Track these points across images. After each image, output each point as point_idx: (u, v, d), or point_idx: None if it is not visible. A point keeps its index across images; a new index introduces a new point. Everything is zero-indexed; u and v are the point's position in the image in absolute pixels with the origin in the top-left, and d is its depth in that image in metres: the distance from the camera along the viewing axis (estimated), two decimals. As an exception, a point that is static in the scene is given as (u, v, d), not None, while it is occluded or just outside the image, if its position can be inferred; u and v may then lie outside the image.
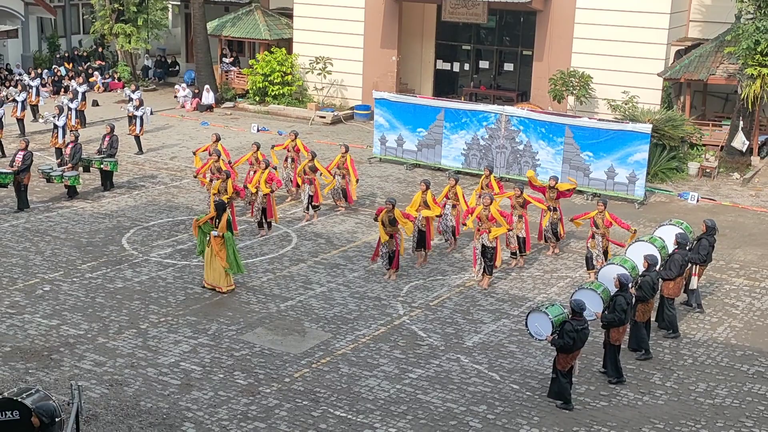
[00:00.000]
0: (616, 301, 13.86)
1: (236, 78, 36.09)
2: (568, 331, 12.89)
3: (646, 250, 15.86)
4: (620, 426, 12.95)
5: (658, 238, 16.63)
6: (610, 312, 13.86)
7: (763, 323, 16.66)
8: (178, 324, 15.81)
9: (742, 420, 13.25)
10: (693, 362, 15.05)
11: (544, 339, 13.53)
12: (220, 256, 16.75)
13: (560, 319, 13.29)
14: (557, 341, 12.98)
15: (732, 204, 24.16)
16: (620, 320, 13.83)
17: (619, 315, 13.78)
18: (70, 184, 22.21)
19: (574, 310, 13.12)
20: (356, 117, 33.14)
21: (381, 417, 12.99)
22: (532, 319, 13.63)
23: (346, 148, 22.29)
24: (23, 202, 21.42)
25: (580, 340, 12.98)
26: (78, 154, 22.81)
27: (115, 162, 23.32)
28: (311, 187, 21.39)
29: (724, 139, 27.45)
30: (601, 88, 29.25)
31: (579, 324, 12.98)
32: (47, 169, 22.49)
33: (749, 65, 25.41)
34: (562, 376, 13.20)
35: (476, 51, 33.88)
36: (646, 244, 16.33)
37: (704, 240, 16.68)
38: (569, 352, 13.04)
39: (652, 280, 14.76)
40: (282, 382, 13.89)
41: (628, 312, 13.98)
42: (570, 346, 12.92)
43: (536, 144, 24.73)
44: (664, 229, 17.13)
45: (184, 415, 12.84)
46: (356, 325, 16.02)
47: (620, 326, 13.92)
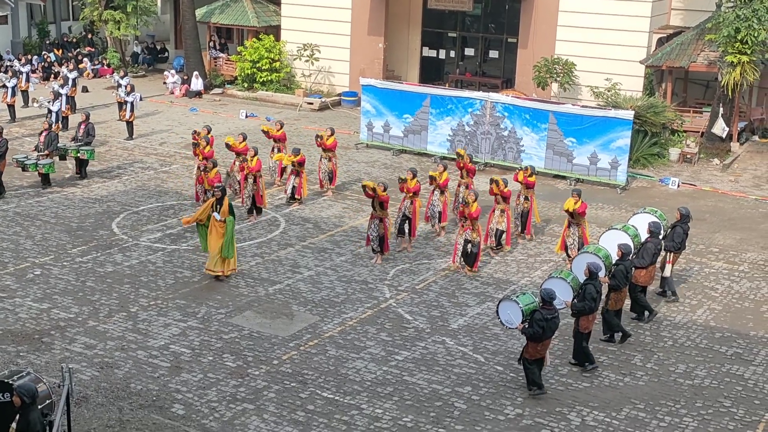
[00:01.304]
0: (585, 289, 13.72)
1: (225, 64, 35.93)
2: (537, 320, 12.78)
3: (620, 238, 15.80)
4: (602, 406, 13.03)
5: (631, 227, 16.51)
6: (579, 300, 13.74)
7: (741, 306, 16.77)
8: (168, 307, 15.77)
9: (720, 400, 13.34)
10: (673, 344, 15.14)
11: (514, 327, 13.37)
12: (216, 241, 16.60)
13: (531, 308, 13.12)
14: (527, 330, 12.87)
15: (712, 189, 24.27)
16: (590, 308, 13.70)
17: (588, 303, 13.66)
18: (44, 172, 21.75)
19: (544, 300, 12.97)
20: (343, 103, 33.06)
21: (368, 398, 13.02)
22: (503, 307, 13.46)
23: (332, 131, 22.27)
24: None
25: (549, 329, 12.87)
26: (54, 142, 22.53)
27: (91, 150, 22.87)
28: (297, 179, 21.34)
29: (705, 126, 27.53)
30: (585, 75, 29.27)
31: (549, 313, 12.85)
32: (22, 157, 22.11)
33: (729, 53, 25.47)
34: (528, 364, 13.08)
35: (462, 38, 33.82)
36: (619, 232, 16.25)
37: (678, 228, 16.58)
38: (539, 341, 12.90)
39: (626, 269, 14.67)
40: (270, 365, 13.89)
41: (597, 300, 13.84)
42: (540, 334, 12.80)
43: (520, 130, 24.73)
44: (639, 217, 17.02)
45: (174, 397, 12.83)
46: (343, 308, 16.03)
47: (590, 314, 13.79)
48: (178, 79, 34.42)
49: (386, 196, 17.93)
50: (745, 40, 25.04)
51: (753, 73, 25.79)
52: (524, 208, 19.48)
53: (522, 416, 12.69)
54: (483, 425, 12.42)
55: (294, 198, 21.44)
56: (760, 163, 26.88)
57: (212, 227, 16.69)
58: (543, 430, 12.37)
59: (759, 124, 29.69)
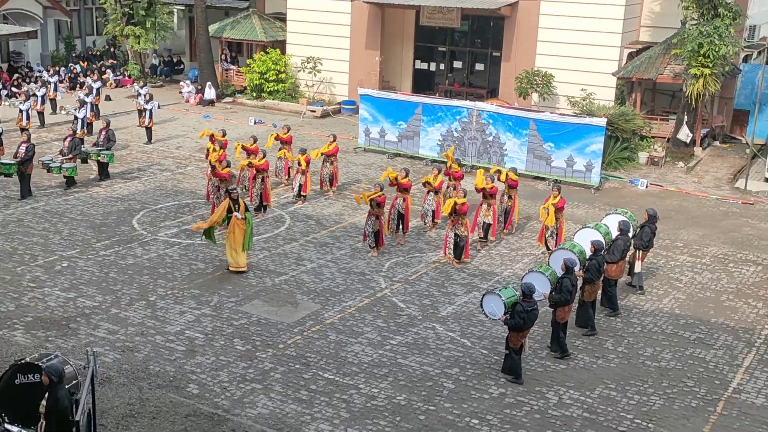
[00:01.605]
0: (562, 283, 13.69)
1: (235, 76, 35.82)
2: (518, 312, 12.73)
3: (593, 236, 15.82)
4: (577, 386, 13.04)
5: (603, 225, 16.49)
6: (557, 293, 13.69)
7: (703, 295, 16.79)
8: (183, 296, 15.74)
9: (684, 380, 13.36)
10: (641, 330, 15.15)
11: (497, 319, 13.29)
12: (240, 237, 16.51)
13: (512, 300, 13.04)
14: (509, 321, 12.81)
15: (677, 189, 24.28)
16: (566, 300, 13.67)
17: (565, 296, 13.63)
18: (68, 174, 21.64)
19: (525, 293, 12.90)
20: (343, 111, 33.00)
21: (365, 379, 13.01)
22: (486, 300, 13.38)
23: (334, 137, 22.28)
24: (26, 190, 20.99)
25: (529, 320, 12.82)
26: (78, 147, 22.42)
27: (111, 154, 22.71)
28: (302, 177, 21.34)
29: (671, 132, 27.56)
30: (562, 85, 29.24)
31: (529, 305, 12.78)
32: (47, 160, 22.02)
33: (693, 66, 25.48)
34: (514, 352, 13.04)
35: (451, 52, 33.76)
36: (592, 230, 16.25)
37: (647, 227, 16.49)
38: (520, 331, 12.86)
39: (599, 264, 14.62)
40: (276, 348, 13.87)
41: (573, 293, 13.79)
42: (521, 325, 12.76)
43: (504, 135, 24.71)
44: (611, 218, 16.98)
45: (189, 378, 12.82)
46: (343, 297, 16.01)
47: (566, 306, 13.77)
48: (193, 89, 34.33)
49: (383, 196, 17.91)
50: (708, 55, 25.06)
51: (714, 84, 25.81)
52: (507, 205, 19.48)
53: (505, 395, 12.70)
54: (469, 403, 12.43)
55: (300, 195, 21.42)
56: (721, 165, 26.90)
57: (233, 226, 16.49)
58: (524, 407, 12.38)
59: (720, 130, 29.73)
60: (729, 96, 29.96)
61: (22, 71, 35.76)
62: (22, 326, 14.19)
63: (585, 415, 12.21)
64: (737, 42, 26.33)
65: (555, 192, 17.98)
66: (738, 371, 13.71)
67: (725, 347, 14.54)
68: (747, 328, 15.30)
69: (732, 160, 27.42)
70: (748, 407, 12.62)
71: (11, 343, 13.53)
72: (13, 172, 20.76)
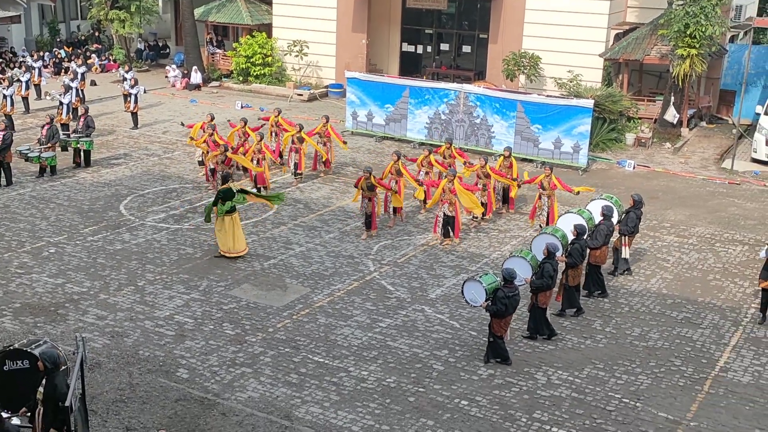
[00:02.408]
0: (544, 267, 13.65)
1: (221, 60, 35.59)
2: (500, 298, 12.66)
3: (576, 220, 15.84)
4: (565, 366, 13.11)
5: (586, 210, 16.50)
6: (538, 278, 13.63)
7: (690, 275, 16.88)
8: (172, 281, 15.70)
9: (671, 360, 13.46)
10: (629, 310, 15.23)
11: (479, 305, 13.20)
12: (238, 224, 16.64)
13: (493, 287, 12.94)
14: (491, 307, 12.72)
15: (664, 170, 24.36)
16: (547, 285, 13.63)
17: (546, 281, 13.60)
18: (48, 164, 21.31)
19: (506, 279, 12.82)
20: (330, 94, 32.85)
21: (355, 362, 13.04)
22: (468, 287, 13.25)
23: (327, 119, 22.29)
24: (7, 178, 20.71)
25: (511, 306, 12.76)
26: (56, 135, 22.14)
27: (90, 141, 22.38)
28: (296, 155, 21.33)
29: (658, 113, 27.60)
30: (549, 67, 29.21)
31: (510, 291, 12.72)
32: (25, 149, 21.67)
33: (680, 46, 25.50)
34: (497, 338, 12.99)
35: (438, 35, 33.64)
36: (575, 215, 16.27)
37: (632, 213, 16.49)
38: (502, 317, 12.80)
39: (581, 248, 14.59)
40: (266, 332, 13.88)
41: (554, 278, 13.73)
42: (503, 311, 12.71)
43: (491, 118, 24.69)
44: (595, 203, 17.01)
45: (179, 362, 12.81)
46: (332, 280, 16.01)
47: (547, 291, 13.71)
48: (179, 74, 34.09)
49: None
50: (694, 35, 25.07)
51: (701, 64, 25.85)
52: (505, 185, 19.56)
53: (494, 376, 12.76)
54: (459, 384, 12.48)
55: (297, 174, 21.42)
56: (708, 146, 26.99)
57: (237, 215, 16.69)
58: (513, 388, 12.44)
59: (706, 111, 29.80)
60: (715, 76, 30.01)
61: (5, 56, 35.41)
62: (10, 313, 14.13)
63: (573, 395, 12.29)
64: (723, 22, 26.34)
65: (547, 170, 18.24)
66: (725, 350, 13.81)
67: (712, 326, 14.64)
68: (733, 307, 15.41)
69: (718, 141, 27.52)
70: (735, 385, 12.73)
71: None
72: None
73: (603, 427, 11.54)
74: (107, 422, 11.22)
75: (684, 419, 11.79)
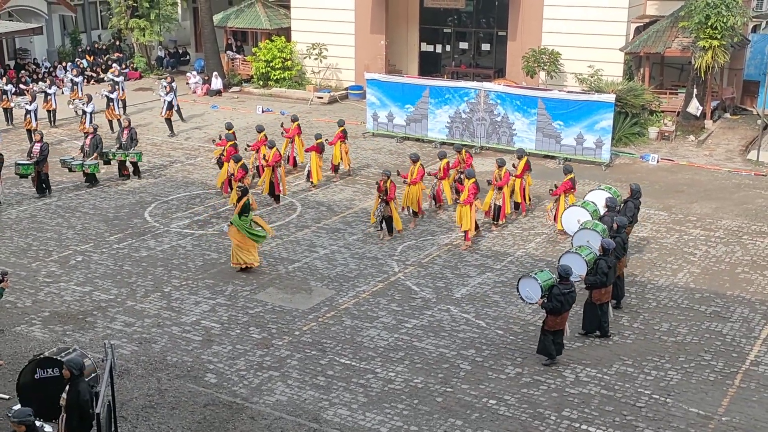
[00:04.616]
0: (598, 264, 13.53)
1: (241, 65, 35.77)
2: (556, 295, 12.57)
3: (580, 214, 15.79)
4: (594, 363, 13.01)
5: (590, 203, 16.39)
6: (592, 275, 13.51)
7: (718, 268, 16.70)
8: (198, 287, 15.79)
9: (701, 354, 13.32)
10: (657, 305, 15.09)
11: (534, 303, 13.14)
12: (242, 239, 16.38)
13: (549, 283, 12.87)
14: (547, 304, 12.64)
15: (689, 164, 24.12)
16: (602, 282, 13.50)
17: (600, 278, 13.47)
18: (90, 171, 21.44)
19: (561, 275, 12.73)
20: (350, 96, 32.91)
21: (381, 363, 13.03)
22: (523, 284, 13.20)
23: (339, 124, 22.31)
24: (43, 188, 20.87)
25: (567, 302, 12.65)
26: (100, 146, 22.26)
27: (139, 153, 22.42)
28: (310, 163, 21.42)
29: (680, 106, 27.35)
30: (569, 63, 29.04)
31: (566, 288, 12.63)
32: (69, 159, 21.97)
33: (701, 38, 25.25)
34: (548, 334, 12.84)
35: (456, 33, 33.58)
36: (579, 208, 16.13)
37: (630, 203, 16.38)
38: (558, 314, 12.69)
39: (623, 241, 14.39)
40: (292, 335, 13.91)
41: (609, 275, 13.57)
42: (558, 308, 12.61)
43: (512, 115, 24.59)
44: (595, 194, 16.93)
45: (207, 367, 12.87)
46: (357, 282, 16.02)
47: (602, 288, 13.55)
48: (200, 80, 34.30)
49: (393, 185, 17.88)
50: (715, 26, 24.82)
51: (723, 56, 25.57)
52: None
53: (521, 375, 12.69)
54: (486, 384, 12.43)
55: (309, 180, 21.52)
56: (732, 138, 26.69)
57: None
58: (541, 386, 12.37)
59: (730, 102, 29.49)
60: (738, 67, 29.69)
61: (28, 68, 35.81)
62: (39, 321, 14.28)
63: (603, 392, 12.20)
64: (745, 12, 26.05)
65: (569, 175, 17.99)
66: (755, 343, 13.65)
67: (742, 320, 14.47)
68: (763, 300, 15.22)
69: (743, 132, 27.19)
70: (767, 379, 12.56)
71: (30, 339, 13.62)
72: (31, 173, 20.72)
73: (633, 423, 11.43)
74: (137, 428, 11.30)
75: (716, 414, 11.65)
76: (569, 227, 16.36)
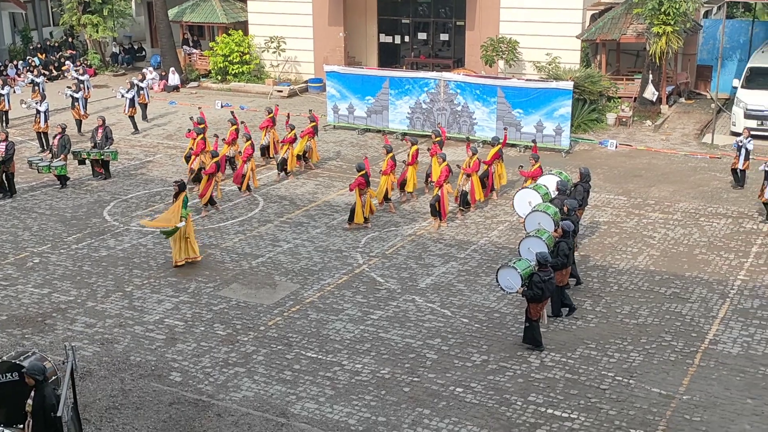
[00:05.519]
0: (559, 246, 13.71)
1: (198, 60, 35.39)
2: (536, 282, 12.68)
3: (531, 197, 16.02)
4: (558, 348, 13.15)
5: (542, 186, 16.64)
6: (554, 257, 13.63)
7: (677, 250, 16.97)
8: (160, 285, 15.63)
9: (662, 335, 13.54)
10: (618, 288, 15.30)
11: (515, 292, 13.27)
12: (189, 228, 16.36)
13: (528, 272, 13.00)
14: (528, 292, 12.75)
15: (646, 148, 24.45)
16: (563, 264, 13.70)
17: (561, 259, 13.64)
18: (57, 173, 20.99)
19: (540, 263, 12.83)
20: (310, 89, 32.77)
21: (348, 355, 13.03)
22: (502, 274, 13.31)
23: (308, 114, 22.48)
24: (11, 189, 20.54)
25: (547, 289, 12.78)
26: (68, 146, 21.85)
27: (115, 151, 21.99)
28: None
29: (637, 91, 27.70)
30: (527, 51, 29.23)
31: (545, 275, 12.76)
32: (36, 159, 21.56)
33: (655, 24, 25.58)
34: (533, 323, 12.96)
35: (415, 24, 33.56)
36: (531, 191, 16.34)
37: (579, 186, 16.63)
38: (539, 301, 12.80)
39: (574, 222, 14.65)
40: (258, 331, 13.85)
41: (570, 256, 13.79)
42: (540, 295, 12.72)
43: (472, 105, 24.69)
44: (546, 178, 17.17)
45: (171, 366, 12.76)
46: (321, 275, 15.99)
47: (563, 269, 13.75)
48: (156, 76, 33.83)
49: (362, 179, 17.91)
50: (668, 12, 25.16)
51: (677, 41, 25.95)
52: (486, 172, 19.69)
53: (487, 362, 12.78)
54: (453, 372, 12.50)
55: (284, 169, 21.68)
56: (687, 122, 27.11)
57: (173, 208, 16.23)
58: (507, 372, 12.47)
59: (684, 87, 29.94)
60: (692, 52, 30.15)
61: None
62: (-3, 325, 14.03)
63: (567, 376, 12.34)
64: (697, -2, 26.46)
65: (532, 161, 18.25)
66: (713, 323, 13.91)
67: (700, 300, 14.74)
68: (720, 280, 15.51)
69: (698, 116, 27.65)
70: (725, 357, 12.81)
71: (-12, 343, 13.38)
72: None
73: (598, 405, 11.59)
74: (101, 430, 11.17)
75: (677, 393, 11.86)
76: (521, 209, 16.58)
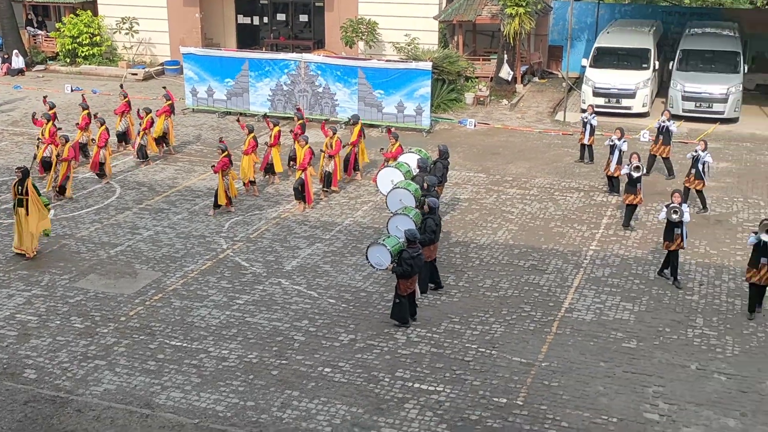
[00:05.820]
0: (426, 222, 13.89)
1: (44, 41, 33.56)
2: (405, 259, 12.79)
3: (393, 174, 16.36)
4: (423, 323, 13.42)
5: (404, 164, 17.02)
6: (421, 233, 13.76)
7: (534, 224, 17.67)
8: (10, 279, 14.79)
9: (521, 306, 14.08)
10: (480, 263, 15.77)
11: (384, 268, 13.35)
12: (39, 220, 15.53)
13: (397, 248, 13.11)
14: (397, 269, 12.85)
15: (503, 126, 25.26)
16: (431, 240, 13.91)
17: (429, 235, 13.85)
18: None
19: (409, 239, 12.94)
20: (167, 72, 31.75)
21: (214, 341, 12.82)
22: (372, 251, 13.35)
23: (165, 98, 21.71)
24: None
25: (416, 265, 12.92)
26: None
27: None
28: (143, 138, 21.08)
29: (493, 71, 28.56)
30: (386, 32, 29.53)
31: (414, 251, 12.88)
32: None
33: (508, 5, 26.42)
34: (402, 299, 13.08)
35: (273, 5, 33.16)
36: (393, 169, 16.70)
37: (439, 163, 17.09)
38: (409, 278, 12.94)
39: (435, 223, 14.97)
40: (118, 322, 13.37)
41: (437, 232, 14.05)
42: (409, 272, 12.85)
43: (334, 86, 24.70)
44: (406, 156, 17.55)
45: (25, 363, 12.13)
46: (184, 262, 15.61)
47: (431, 245, 13.97)
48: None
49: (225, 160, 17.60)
50: (521, -6, 26.03)
51: (529, 22, 26.90)
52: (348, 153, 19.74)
53: (355, 341, 12.90)
54: (321, 353, 12.54)
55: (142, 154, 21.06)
56: (541, 100, 28.22)
57: (32, 207, 15.36)
58: (374, 350, 12.63)
59: (538, 66, 31.12)
60: (543, 33, 31.36)
61: None
62: None
63: (433, 351, 12.63)
64: (547, -20, 27.52)
65: (392, 140, 18.42)
66: (569, 292, 14.61)
67: (556, 271, 15.43)
68: (574, 251, 16.29)
69: (551, 95, 28.83)
70: (580, 324, 13.50)
71: None
72: None
73: (463, 377, 11.94)
74: (-51, 435, 10.50)
75: (536, 361, 12.39)
76: (384, 188, 16.81)
